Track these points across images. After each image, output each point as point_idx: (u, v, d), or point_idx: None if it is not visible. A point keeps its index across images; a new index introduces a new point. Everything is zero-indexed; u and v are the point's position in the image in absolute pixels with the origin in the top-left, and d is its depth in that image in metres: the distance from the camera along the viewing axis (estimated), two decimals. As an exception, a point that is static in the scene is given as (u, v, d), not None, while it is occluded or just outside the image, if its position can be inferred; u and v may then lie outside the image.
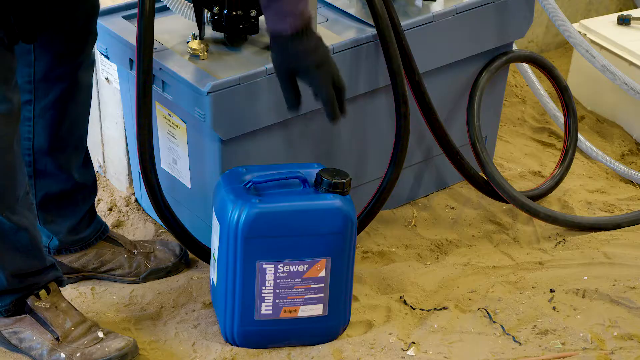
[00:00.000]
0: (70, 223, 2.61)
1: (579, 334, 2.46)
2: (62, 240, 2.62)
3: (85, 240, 2.65)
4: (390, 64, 2.57)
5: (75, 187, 2.57)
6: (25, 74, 2.39)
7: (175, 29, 2.64)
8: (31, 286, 2.38)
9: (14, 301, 2.38)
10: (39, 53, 2.38)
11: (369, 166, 2.85)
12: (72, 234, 2.63)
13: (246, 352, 2.44)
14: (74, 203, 2.59)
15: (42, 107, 2.44)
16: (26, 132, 2.46)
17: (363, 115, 2.76)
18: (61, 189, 2.55)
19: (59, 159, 2.52)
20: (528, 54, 3.07)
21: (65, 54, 2.41)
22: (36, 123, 2.46)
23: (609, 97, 3.55)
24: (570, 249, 2.87)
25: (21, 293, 2.37)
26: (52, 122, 2.46)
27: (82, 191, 2.59)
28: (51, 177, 2.52)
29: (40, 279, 2.39)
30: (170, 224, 2.56)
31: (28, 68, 2.40)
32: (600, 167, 3.32)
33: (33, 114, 2.45)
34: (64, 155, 2.52)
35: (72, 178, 2.55)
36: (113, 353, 2.36)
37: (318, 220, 2.33)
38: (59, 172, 2.53)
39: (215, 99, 2.41)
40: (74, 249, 2.65)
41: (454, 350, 2.43)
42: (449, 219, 2.98)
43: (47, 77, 2.41)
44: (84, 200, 2.61)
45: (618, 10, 4.10)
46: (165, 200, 2.52)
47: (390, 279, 2.70)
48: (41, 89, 2.42)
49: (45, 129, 2.47)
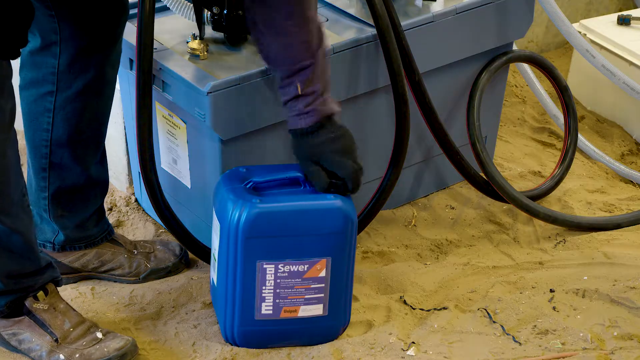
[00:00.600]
0: (79, 219, 2.61)
1: (579, 334, 2.46)
2: (68, 236, 2.62)
3: (91, 239, 2.65)
4: (390, 64, 2.57)
5: (89, 183, 2.57)
6: (49, 65, 2.39)
7: (175, 29, 2.64)
8: (26, 288, 2.37)
9: (8, 303, 2.37)
10: (65, 46, 2.37)
11: (369, 166, 2.84)
12: (80, 230, 2.62)
13: (246, 352, 2.44)
14: (85, 199, 2.59)
15: (64, 98, 2.43)
16: (45, 124, 2.45)
17: (363, 115, 2.75)
18: (74, 183, 2.55)
19: (77, 152, 2.51)
20: (528, 54, 3.07)
21: (92, 47, 2.41)
22: (56, 115, 2.45)
23: (609, 97, 3.55)
24: (570, 249, 2.87)
25: (16, 295, 2.37)
26: (73, 115, 2.46)
27: (95, 188, 2.59)
28: (66, 170, 2.52)
29: (36, 281, 2.38)
30: (170, 224, 2.56)
31: (53, 59, 2.39)
32: (600, 167, 3.32)
33: (54, 105, 2.43)
34: (82, 149, 2.51)
35: (86, 173, 2.54)
36: (112, 353, 2.36)
37: (318, 220, 2.33)
38: (74, 165, 2.52)
39: (215, 99, 2.41)
40: (79, 246, 2.64)
41: (454, 350, 2.43)
42: (449, 219, 2.98)
43: (71, 68, 2.40)
44: (95, 197, 2.61)
45: (618, 10, 4.10)
46: (165, 200, 2.52)
47: (390, 279, 2.70)
48: (64, 81, 2.41)
49: (65, 121, 2.45)
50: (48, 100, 2.43)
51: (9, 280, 2.34)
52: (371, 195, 2.69)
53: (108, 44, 2.43)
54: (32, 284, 2.38)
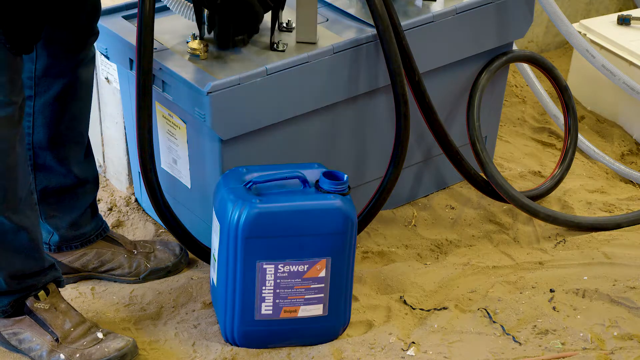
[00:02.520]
0: (71, 217, 2.61)
1: (579, 334, 2.46)
2: (62, 236, 2.62)
3: (86, 237, 2.65)
4: (390, 64, 2.57)
5: (76, 182, 2.57)
6: (26, 70, 2.40)
7: (175, 29, 2.64)
8: (29, 287, 2.38)
9: (11, 302, 2.37)
10: (41, 50, 2.38)
11: (368, 166, 2.85)
12: (73, 228, 2.62)
13: (246, 352, 2.44)
14: (74, 197, 2.59)
15: (42, 103, 2.44)
16: (26, 127, 2.46)
17: (363, 116, 2.75)
18: (61, 183, 2.55)
19: (59, 154, 2.52)
20: (528, 54, 3.07)
21: (67, 51, 2.42)
22: (36, 119, 2.46)
23: (609, 97, 3.55)
24: (570, 249, 2.87)
25: (19, 294, 2.37)
26: (52, 118, 2.47)
27: (84, 186, 2.60)
28: (50, 171, 2.53)
29: (39, 280, 2.39)
30: (170, 223, 2.56)
31: (30, 64, 2.40)
32: (600, 167, 3.32)
33: (33, 109, 2.45)
34: (64, 150, 2.52)
35: (71, 173, 2.55)
36: (112, 353, 2.36)
37: (318, 220, 2.33)
38: (58, 166, 2.53)
39: (215, 99, 2.41)
40: (75, 245, 2.65)
41: (454, 350, 2.43)
42: (449, 219, 2.98)
43: (48, 73, 2.41)
44: (85, 195, 2.61)
45: (618, 10, 4.10)
46: (165, 200, 2.52)
47: (390, 279, 2.70)
48: (42, 85, 2.43)
49: (44, 125, 2.47)
50: (27, 105, 2.44)
51: (12, 281, 2.34)
52: (371, 195, 2.69)
53: (82, 47, 2.44)
54: (34, 284, 2.38)
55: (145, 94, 2.38)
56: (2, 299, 2.37)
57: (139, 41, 2.34)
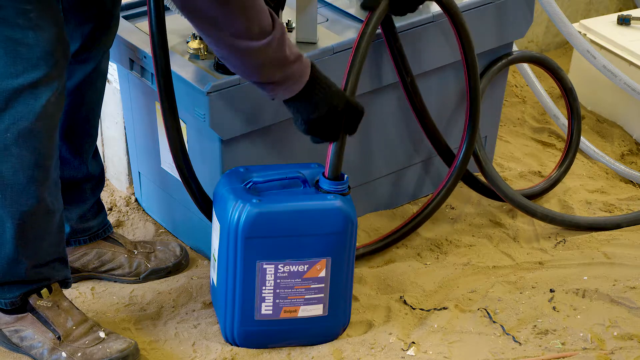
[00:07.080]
0: (79, 211, 2.61)
1: (579, 334, 2.46)
2: (73, 227, 2.63)
3: (93, 231, 2.65)
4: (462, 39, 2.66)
5: (87, 175, 2.58)
6: None
7: (175, 29, 2.64)
8: (44, 280, 2.37)
9: (21, 295, 2.37)
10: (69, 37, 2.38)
11: (373, 164, 2.85)
12: (82, 221, 2.63)
13: (246, 352, 2.44)
14: (82, 192, 2.60)
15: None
16: None
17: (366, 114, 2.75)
18: (72, 176, 2.55)
19: (74, 145, 2.52)
20: (535, 54, 3.06)
21: (92, 39, 2.42)
22: None
23: (609, 97, 3.55)
24: (570, 249, 2.87)
25: (34, 285, 2.36)
26: (71, 107, 2.47)
27: (91, 181, 2.60)
28: (64, 163, 2.53)
29: (54, 274, 2.38)
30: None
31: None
32: (600, 167, 3.32)
33: None
34: (79, 142, 2.53)
35: (83, 165, 2.56)
36: (114, 354, 2.36)
37: (318, 220, 2.33)
38: (72, 158, 2.54)
39: (215, 99, 2.41)
40: (83, 239, 2.65)
41: (454, 350, 2.43)
42: (449, 219, 2.98)
43: (72, 60, 2.41)
44: (92, 191, 2.62)
45: (618, 10, 4.10)
46: (205, 195, 2.48)
47: (390, 279, 2.70)
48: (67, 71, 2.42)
49: (63, 113, 2.46)
50: None
51: (33, 270, 2.33)
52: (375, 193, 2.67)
53: (106, 33, 2.45)
54: (48, 277, 2.37)
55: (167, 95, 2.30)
56: (15, 290, 2.36)
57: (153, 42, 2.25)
